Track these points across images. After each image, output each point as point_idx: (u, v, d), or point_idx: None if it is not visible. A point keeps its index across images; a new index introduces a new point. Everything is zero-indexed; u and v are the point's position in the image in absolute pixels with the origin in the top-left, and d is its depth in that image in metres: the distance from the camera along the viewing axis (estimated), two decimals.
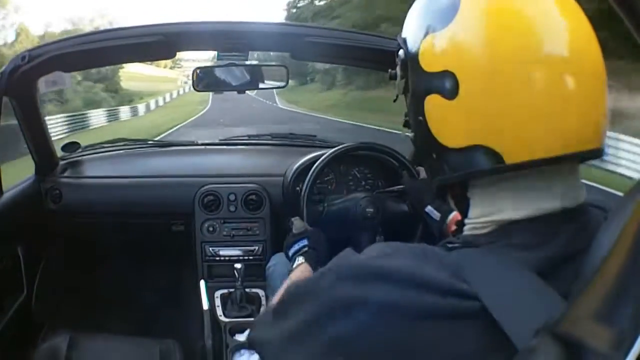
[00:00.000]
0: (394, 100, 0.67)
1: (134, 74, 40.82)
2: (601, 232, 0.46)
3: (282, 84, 1.64)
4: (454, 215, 1.07)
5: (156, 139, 4.63)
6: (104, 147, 1.88)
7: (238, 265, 1.43)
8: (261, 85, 1.63)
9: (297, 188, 1.49)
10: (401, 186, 1.39)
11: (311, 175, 1.34)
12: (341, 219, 1.35)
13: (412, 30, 0.57)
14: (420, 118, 0.55)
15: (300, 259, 1.02)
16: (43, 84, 1.42)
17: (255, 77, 1.58)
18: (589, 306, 0.34)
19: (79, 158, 1.77)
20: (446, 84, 0.50)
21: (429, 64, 0.53)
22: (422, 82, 0.54)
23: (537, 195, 0.51)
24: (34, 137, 1.51)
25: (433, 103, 0.53)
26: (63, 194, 1.60)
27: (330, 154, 1.37)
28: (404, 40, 0.58)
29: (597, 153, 0.51)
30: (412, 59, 0.55)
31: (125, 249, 1.78)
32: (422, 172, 1.37)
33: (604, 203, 0.58)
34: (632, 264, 0.33)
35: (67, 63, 1.38)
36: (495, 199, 0.53)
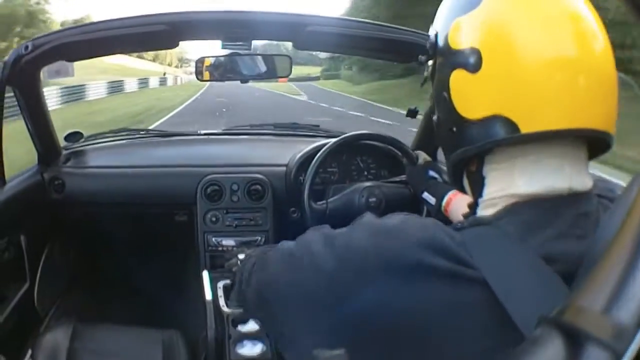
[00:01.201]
0: (421, 85, 0.72)
1: (108, 65, 35.50)
2: (606, 219, 0.47)
3: (286, 73, 1.62)
4: (449, 197, 1.09)
5: None
6: (106, 137, 1.88)
7: (241, 256, 1.43)
8: (266, 76, 1.61)
9: (300, 178, 1.48)
10: (404, 176, 1.38)
11: (314, 165, 1.33)
12: (344, 209, 1.34)
13: (442, 17, 0.63)
14: (445, 94, 0.60)
15: None
16: (46, 74, 1.42)
17: (260, 67, 1.56)
18: (592, 295, 0.34)
19: (82, 148, 1.77)
20: (470, 59, 0.56)
21: (456, 43, 0.59)
22: (449, 59, 0.60)
23: (548, 172, 0.54)
24: (36, 126, 1.50)
25: (457, 77, 0.58)
26: (66, 184, 1.60)
27: (333, 143, 1.36)
28: (435, 28, 0.64)
29: (606, 137, 0.54)
30: (442, 40, 0.62)
31: (128, 239, 1.78)
32: (421, 156, 1.35)
33: (612, 192, 0.60)
34: (635, 252, 0.33)
35: (70, 52, 1.37)
36: (509, 174, 0.56)
